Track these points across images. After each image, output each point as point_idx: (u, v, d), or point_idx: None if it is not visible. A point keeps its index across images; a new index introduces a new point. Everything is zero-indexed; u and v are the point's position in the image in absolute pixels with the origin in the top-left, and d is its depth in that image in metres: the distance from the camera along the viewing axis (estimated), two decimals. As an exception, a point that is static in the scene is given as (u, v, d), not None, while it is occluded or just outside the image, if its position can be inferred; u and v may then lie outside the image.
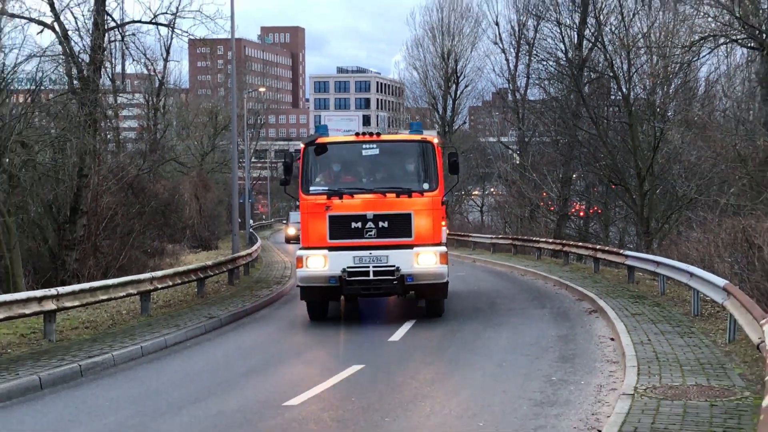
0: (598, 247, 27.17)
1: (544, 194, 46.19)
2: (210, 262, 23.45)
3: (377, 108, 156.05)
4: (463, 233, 45.64)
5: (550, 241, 33.58)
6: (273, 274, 29.20)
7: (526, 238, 36.99)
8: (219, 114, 63.98)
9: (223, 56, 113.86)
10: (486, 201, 64.87)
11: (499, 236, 40.31)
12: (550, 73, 43.53)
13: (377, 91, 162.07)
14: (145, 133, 52.40)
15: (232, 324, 17.95)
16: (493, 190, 64.37)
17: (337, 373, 12.09)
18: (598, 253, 25.99)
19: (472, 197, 66.87)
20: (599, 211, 44.85)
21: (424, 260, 16.48)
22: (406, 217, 16.54)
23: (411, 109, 70.48)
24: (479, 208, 65.28)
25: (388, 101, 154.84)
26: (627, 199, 36.21)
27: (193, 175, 51.98)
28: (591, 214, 46.11)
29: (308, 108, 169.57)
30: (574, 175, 45.35)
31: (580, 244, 30.73)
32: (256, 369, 13.19)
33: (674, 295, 18.84)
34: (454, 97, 59.77)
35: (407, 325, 16.57)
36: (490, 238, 39.70)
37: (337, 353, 14.58)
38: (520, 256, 34.58)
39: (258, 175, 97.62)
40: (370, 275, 16.39)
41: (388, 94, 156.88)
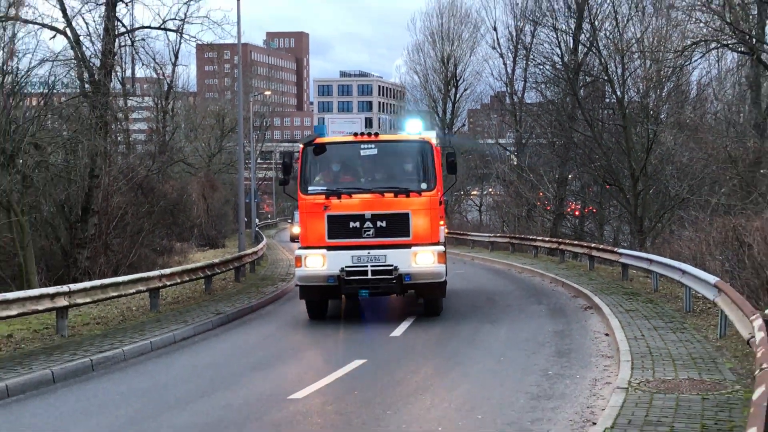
0: (593, 246, 27.15)
1: (541, 194, 46.19)
2: (217, 260, 23.46)
3: (379, 111, 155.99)
4: (462, 232, 45.63)
5: (547, 239, 33.58)
6: (278, 271, 29.21)
7: (523, 236, 36.99)
8: (226, 116, 64.04)
9: (230, 60, 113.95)
10: (484, 201, 64.85)
11: (497, 235, 40.29)
12: (547, 76, 43.54)
13: (379, 95, 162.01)
14: (154, 135, 52.44)
15: (239, 320, 17.95)
16: (491, 190, 64.33)
17: (339, 368, 12.08)
18: (593, 252, 25.98)
19: (471, 197, 66.87)
20: (594, 211, 44.81)
21: (422, 260, 16.18)
22: (404, 217, 16.23)
23: (412, 112, 70.37)
24: (478, 208, 65.29)
25: (390, 104, 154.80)
26: (621, 199, 36.17)
27: (201, 176, 52.02)
28: (586, 213, 46.07)
29: (312, 111, 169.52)
30: (570, 176, 45.31)
31: (576, 242, 30.73)
32: (262, 363, 13.19)
33: (667, 292, 18.82)
34: (453, 100, 59.77)
35: (408, 321, 16.55)
36: (489, 237, 39.69)
37: (340, 348, 14.56)
38: (517, 254, 34.56)
39: (264, 175, 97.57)
40: (369, 274, 16.05)
41: (390, 98, 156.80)
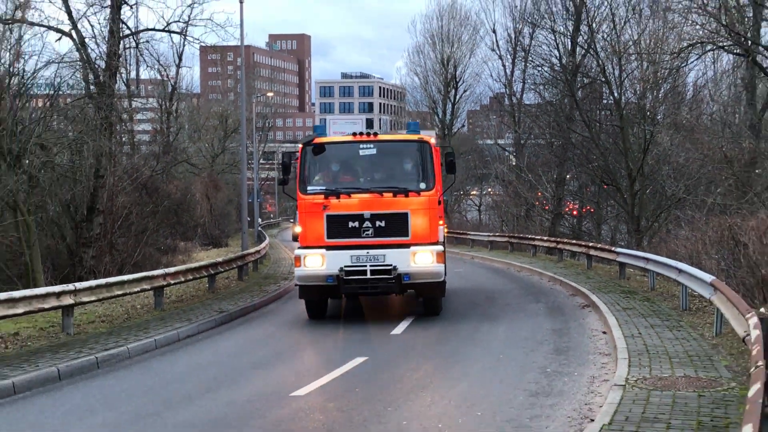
0: (591, 245, 27.14)
1: (539, 194, 46.18)
2: (220, 259, 23.47)
3: (380, 112, 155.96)
4: (461, 231, 45.64)
5: (545, 238, 33.56)
6: (280, 270, 29.20)
7: (522, 236, 36.97)
8: (229, 117, 64.01)
9: (233, 62, 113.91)
10: (484, 201, 64.88)
11: (497, 234, 40.28)
12: (545, 78, 43.61)
13: (380, 96, 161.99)
14: (158, 135, 52.45)
15: (242, 318, 17.95)
16: (490, 190, 64.35)
17: (341, 365, 12.08)
18: (591, 251, 25.96)
19: (471, 197, 66.91)
20: (592, 210, 44.84)
21: (421, 259, 15.99)
22: (403, 217, 16.01)
23: (412, 113, 70.36)
24: (477, 208, 65.33)
25: (391, 105, 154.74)
26: (618, 199, 36.19)
27: (204, 176, 52.02)
28: (584, 213, 46.09)
29: (314, 112, 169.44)
30: (568, 176, 45.34)
31: (574, 241, 30.72)
32: (265, 361, 13.19)
33: (663, 291, 18.81)
34: (453, 102, 59.71)
35: (408, 320, 16.51)
36: (488, 236, 39.68)
37: (341, 346, 14.53)
38: (516, 253, 34.55)
39: (266, 175, 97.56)
40: (368, 274, 15.85)
41: (391, 99, 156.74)
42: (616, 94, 35.29)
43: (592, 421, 8.55)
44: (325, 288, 16.32)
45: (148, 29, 29.91)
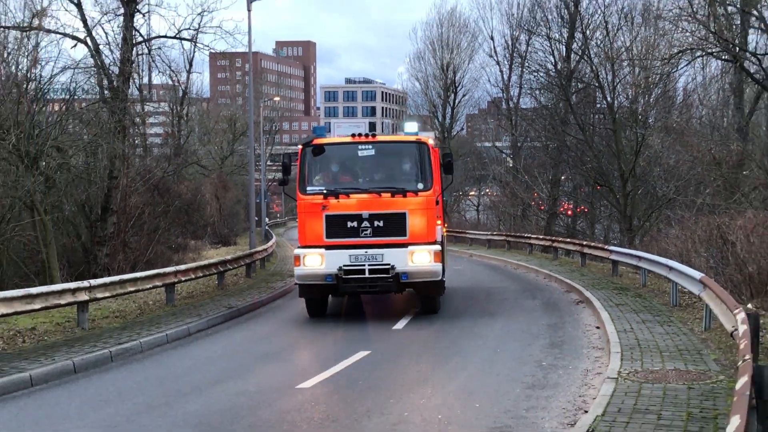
0: (585, 243, 27.13)
1: (535, 194, 46.19)
2: (229, 257, 23.48)
3: (382, 115, 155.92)
4: (460, 230, 45.63)
5: (541, 237, 33.56)
6: (287, 267, 29.17)
7: (518, 234, 36.96)
8: (237, 121, 64.00)
9: (241, 68, 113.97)
10: (482, 201, 64.84)
11: (494, 233, 40.26)
12: (541, 83, 43.58)
13: (382, 100, 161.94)
14: (169, 138, 52.45)
15: (250, 313, 17.96)
16: (488, 190, 64.32)
17: (345, 359, 12.08)
18: (585, 249, 25.95)
19: (469, 197, 66.89)
20: (586, 210, 44.78)
21: (419, 259, 15.67)
22: (401, 217, 15.72)
23: (413, 117, 70.34)
24: (475, 207, 65.26)
25: (392, 109, 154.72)
26: (611, 199, 36.15)
27: (214, 177, 52.03)
28: (578, 212, 46.03)
29: (319, 116, 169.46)
30: (563, 177, 45.28)
31: (568, 240, 30.70)
32: (272, 354, 13.20)
33: (655, 287, 18.80)
34: (452, 106, 59.61)
35: (410, 316, 16.52)
36: (486, 235, 39.68)
37: (345, 341, 14.51)
38: (513, 251, 34.54)
39: (273, 177, 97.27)
40: (366, 273, 15.60)
41: (393, 103, 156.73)
42: (609, 99, 35.25)
43: (586, 412, 8.55)
44: (325, 287, 16.10)
45: (160, 36, 30.00)
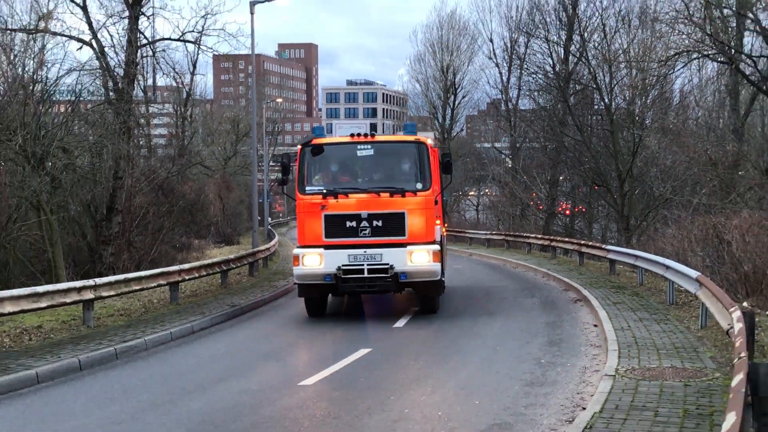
0: (583, 243, 27.12)
1: (534, 194, 46.17)
2: (232, 256, 23.47)
3: (383, 117, 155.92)
4: (460, 230, 45.60)
5: (539, 236, 33.55)
6: (289, 266, 29.00)
7: (517, 234, 36.95)
8: (240, 122, 64.02)
9: (244, 70, 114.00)
10: (481, 201, 64.87)
11: (493, 232, 40.26)
12: (539, 85, 43.56)
13: (383, 102, 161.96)
14: (173, 139, 52.50)
15: (252, 312, 17.95)
16: (487, 190, 64.35)
17: (346, 356, 12.08)
18: (583, 248, 25.94)
19: (469, 197, 66.90)
20: (584, 210, 44.77)
21: (418, 258, 15.50)
22: (400, 216, 15.54)
23: (414, 118, 70.27)
24: (475, 207, 65.28)
25: (393, 111, 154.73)
26: (609, 199, 36.14)
27: (217, 178, 52.06)
28: (576, 212, 46.03)
29: (321, 117, 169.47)
30: (561, 177, 45.28)
31: (567, 239, 30.69)
32: (274, 352, 13.20)
33: (651, 286, 18.79)
34: (452, 107, 59.64)
35: (410, 314, 16.50)
36: (485, 234, 39.67)
37: (346, 339, 14.49)
38: (512, 251, 34.53)
39: (276, 177, 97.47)
40: (365, 273, 15.45)
41: (393, 104, 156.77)
42: (606, 100, 35.26)
43: (584, 409, 8.54)
44: (324, 286, 15.98)
45: (164, 39, 29.88)
